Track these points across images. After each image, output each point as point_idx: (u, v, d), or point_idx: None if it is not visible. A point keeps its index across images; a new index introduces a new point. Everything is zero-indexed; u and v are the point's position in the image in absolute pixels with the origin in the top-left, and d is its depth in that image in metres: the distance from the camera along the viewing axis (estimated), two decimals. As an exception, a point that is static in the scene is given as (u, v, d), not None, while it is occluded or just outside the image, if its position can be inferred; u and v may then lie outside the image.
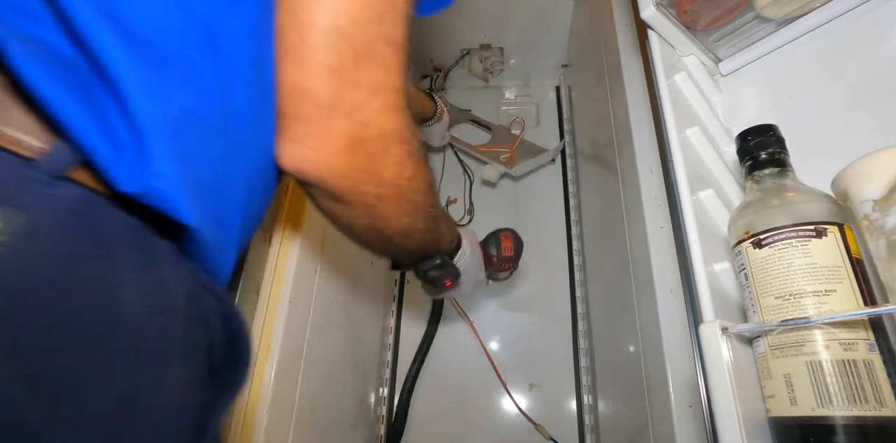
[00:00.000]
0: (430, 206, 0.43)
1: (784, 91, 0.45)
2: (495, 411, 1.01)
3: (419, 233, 0.45)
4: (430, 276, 0.55)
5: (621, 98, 0.68)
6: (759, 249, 0.32)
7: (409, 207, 0.40)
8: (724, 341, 0.30)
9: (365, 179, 0.35)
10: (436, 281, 0.56)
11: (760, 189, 0.35)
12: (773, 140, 0.36)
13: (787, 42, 0.46)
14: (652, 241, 0.57)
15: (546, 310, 1.08)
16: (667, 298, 0.54)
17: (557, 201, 1.18)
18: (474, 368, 1.04)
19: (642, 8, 0.45)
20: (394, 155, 0.35)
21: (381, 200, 0.37)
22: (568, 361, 1.03)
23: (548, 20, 1.15)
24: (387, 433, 1.00)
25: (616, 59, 0.71)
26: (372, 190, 0.36)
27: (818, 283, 0.30)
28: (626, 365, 0.68)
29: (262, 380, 0.57)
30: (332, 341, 0.77)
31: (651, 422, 0.57)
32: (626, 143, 0.66)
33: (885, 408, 0.27)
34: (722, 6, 0.44)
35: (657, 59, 0.46)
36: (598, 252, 0.94)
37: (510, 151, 1.13)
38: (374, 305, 1.01)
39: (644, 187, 0.60)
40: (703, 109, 0.46)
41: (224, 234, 0.33)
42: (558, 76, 1.31)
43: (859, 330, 0.29)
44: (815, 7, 0.43)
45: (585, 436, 0.95)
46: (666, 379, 0.51)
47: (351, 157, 0.33)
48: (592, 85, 0.94)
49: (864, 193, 0.29)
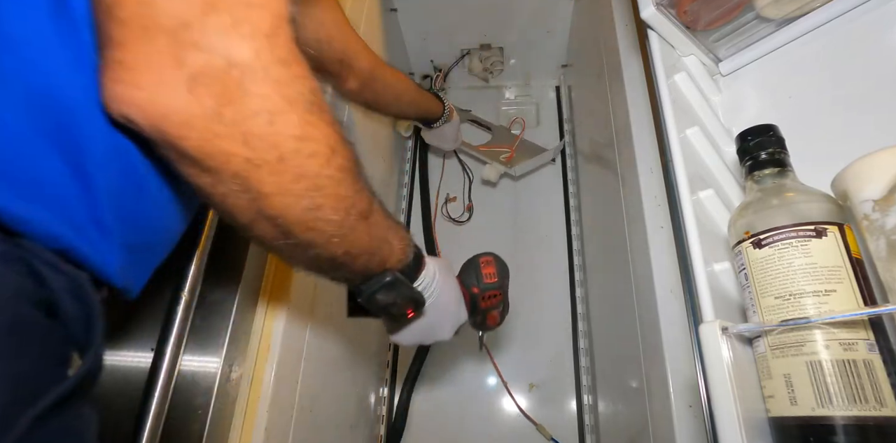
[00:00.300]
0: (350, 189, 0.32)
1: (784, 91, 0.45)
2: (495, 411, 1.01)
3: (335, 228, 0.33)
4: (380, 300, 0.41)
5: (621, 98, 0.68)
6: (759, 249, 0.32)
7: (307, 184, 0.30)
8: (724, 341, 0.30)
9: (221, 131, 0.26)
10: (390, 308, 0.42)
11: (760, 189, 0.35)
12: (773, 140, 0.36)
13: (787, 42, 0.46)
14: (652, 241, 0.57)
15: (546, 310, 1.08)
16: (667, 298, 0.54)
17: (557, 201, 1.19)
18: (474, 368, 1.04)
19: (642, 8, 0.45)
20: (259, 99, 0.26)
21: (255, 167, 0.28)
22: (568, 361, 1.03)
23: (548, 20, 1.15)
24: (387, 433, 1.00)
25: (616, 59, 0.71)
26: (238, 150, 0.27)
27: (818, 283, 0.30)
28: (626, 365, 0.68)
29: (262, 380, 0.57)
30: (332, 341, 0.77)
31: (651, 422, 0.57)
32: (626, 143, 0.66)
33: (885, 408, 0.27)
34: (722, 6, 0.44)
35: (657, 59, 0.46)
36: (598, 252, 0.94)
37: (510, 150, 1.13)
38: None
39: (644, 187, 0.60)
40: (703, 109, 0.46)
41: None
42: (558, 76, 1.31)
43: (859, 330, 0.29)
44: (815, 7, 0.43)
45: (585, 436, 0.95)
46: (666, 379, 0.51)
47: (190, 96, 0.25)
48: (592, 85, 0.94)
49: (864, 193, 0.29)
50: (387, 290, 0.41)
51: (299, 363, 0.65)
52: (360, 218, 0.35)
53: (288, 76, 0.27)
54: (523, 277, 1.12)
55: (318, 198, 0.31)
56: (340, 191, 0.32)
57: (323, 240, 0.33)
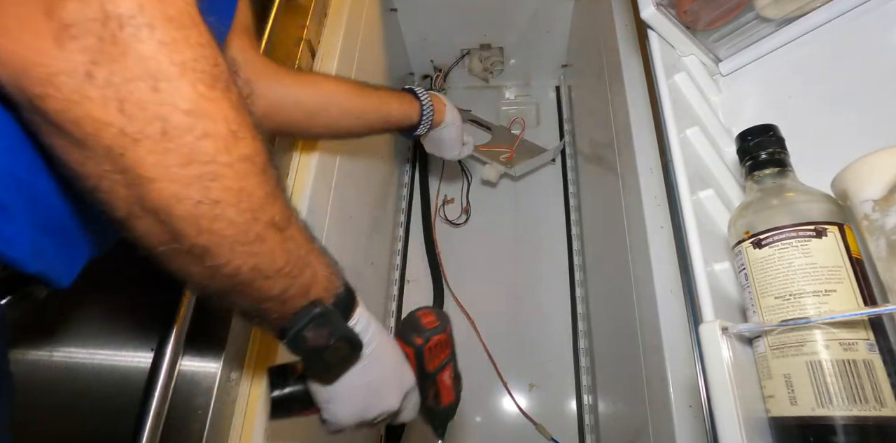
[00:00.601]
0: (258, 187, 0.27)
1: (784, 91, 0.45)
2: (495, 411, 1.01)
3: (237, 233, 0.27)
4: (310, 340, 0.32)
5: (621, 98, 0.68)
6: (759, 249, 0.32)
7: (198, 171, 0.25)
8: (724, 341, 0.30)
9: (92, 94, 0.22)
10: (323, 353, 0.33)
11: (760, 189, 0.35)
12: (773, 140, 0.36)
13: (787, 42, 0.46)
14: (652, 241, 0.57)
15: (546, 310, 1.08)
16: (667, 298, 0.54)
17: (557, 201, 1.19)
18: (474, 367, 1.04)
19: (642, 8, 0.45)
20: (142, 60, 0.23)
21: (133, 142, 0.23)
22: (568, 361, 1.03)
23: (548, 20, 1.15)
24: (387, 433, 1.00)
25: (616, 59, 0.71)
26: (112, 119, 0.23)
27: (818, 283, 0.30)
28: (626, 365, 0.68)
29: (263, 380, 0.57)
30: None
31: (651, 422, 0.57)
32: (626, 143, 0.66)
33: (885, 408, 0.27)
34: (722, 6, 0.44)
35: (657, 59, 0.46)
36: (598, 252, 0.94)
37: (510, 150, 1.13)
38: (374, 305, 1.01)
39: (644, 187, 0.60)
40: (703, 109, 0.46)
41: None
42: (558, 76, 1.31)
43: (859, 330, 0.29)
44: (815, 7, 0.43)
45: (585, 436, 0.95)
46: (666, 379, 0.51)
47: (57, 49, 0.22)
48: (592, 85, 0.94)
49: (864, 193, 0.29)
50: (316, 325, 0.32)
51: (299, 363, 0.65)
52: (272, 227, 0.29)
53: (181, 39, 0.24)
54: (523, 277, 1.12)
55: (213, 190, 0.25)
56: (245, 186, 0.27)
57: (222, 248, 0.27)
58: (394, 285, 1.14)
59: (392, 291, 1.13)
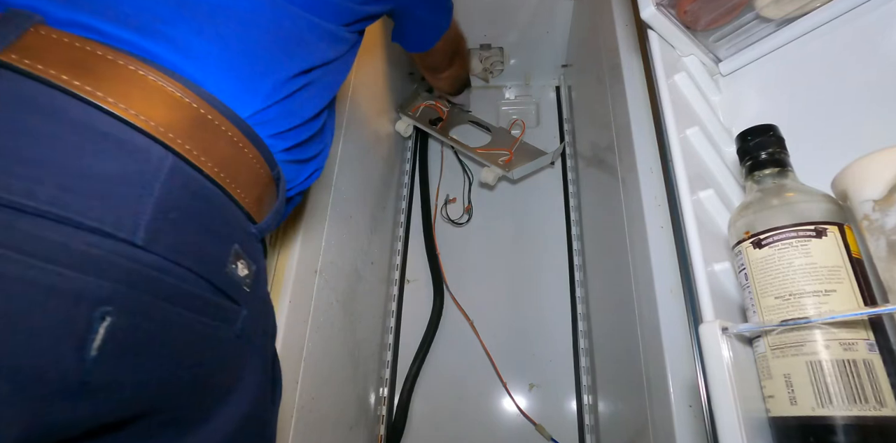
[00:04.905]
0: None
1: (784, 91, 0.45)
2: (495, 411, 1.01)
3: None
4: None
5: (621, 98, 0.68)
6: (759, 249, 0.32)
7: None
8: (724, 340, 0.30)
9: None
10: None
11: (760, 189, 0.35)
12: (773, 140, 0.36)
13: (787, 42, 0.46)
14: (652, 241, 0.57)
15: (546, 310, 1.08)
16: (667, 298, 0.54)
17: (557, 201, 1.19)
18: (474, 368, 1.04)
19: (642, 8, 0.45)
20: None
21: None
22: (568, 361, 1.03)
23: (548, 20, 1.15)
24: (387, 433, 1.00)
25: (616, 59, 0.71)
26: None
27: (818, 283, 0.30)
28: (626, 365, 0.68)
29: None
30: (332, 341, 0.77)
31: (651, 422, 0.57)
32: (626, 143, 0.66)
33: (885, 408, 0.27)
34: (722, 6, 0.44)
35: (657, 59, 0.46)
36: (597, 252, 0.94)
37: (509, 153, 1.13)
38: (374, 304, 1.01)
39: (644, 187, 0.60)
40: (703, 109, 0.46)
41: None
42: (558, 76, 1.31)
43: (859, 330, 0.29)
44: (815, 7, 0.43)
45: (585, 436, 0.95)
46: (666, 379, 0.51)
47: None
48: (592, 85, 0.94)
49: (864, 193, 0.29)
50: None
51: (299, 363, 0.65)
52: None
53: None
54: (523, 277, 1.12)
55: None
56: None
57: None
58: (394, 285, 1.14)
59: (392, 292, 1.13)
